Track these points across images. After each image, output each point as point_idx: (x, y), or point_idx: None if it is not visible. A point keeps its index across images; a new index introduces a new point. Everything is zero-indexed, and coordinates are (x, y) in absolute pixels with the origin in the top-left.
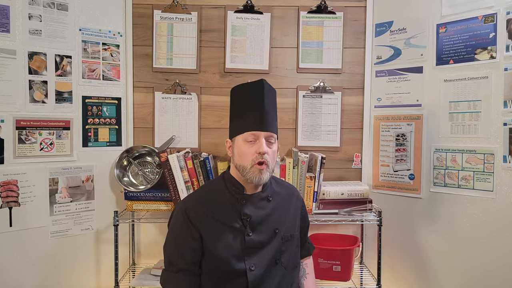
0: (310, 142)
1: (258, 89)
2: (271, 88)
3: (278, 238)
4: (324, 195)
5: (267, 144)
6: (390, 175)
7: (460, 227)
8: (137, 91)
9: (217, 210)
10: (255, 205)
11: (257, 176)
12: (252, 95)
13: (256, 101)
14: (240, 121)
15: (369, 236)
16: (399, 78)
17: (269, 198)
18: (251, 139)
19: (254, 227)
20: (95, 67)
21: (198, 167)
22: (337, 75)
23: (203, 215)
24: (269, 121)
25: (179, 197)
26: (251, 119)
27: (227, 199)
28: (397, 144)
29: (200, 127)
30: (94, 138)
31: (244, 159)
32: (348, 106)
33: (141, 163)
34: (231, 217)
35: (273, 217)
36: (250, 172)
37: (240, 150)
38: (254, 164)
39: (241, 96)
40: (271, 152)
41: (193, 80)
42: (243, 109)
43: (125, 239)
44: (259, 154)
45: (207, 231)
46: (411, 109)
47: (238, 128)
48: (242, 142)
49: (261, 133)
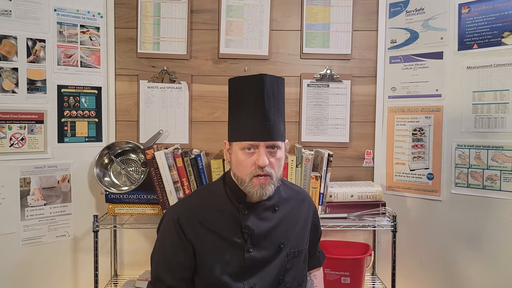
0: (316, 137)
1: (257, 88)
2: (275, 82)
3: (283, 254)
4: (331, 197)
5: (269, 153)
6: (406, 175)
7: (487, 233)
8: (120, 80)
9: (215, 220)
10: (259, 216)
11: (258, 191)
12: (250, 94)
13: (254, 103)
14: (237, 125)
15: (383, 244)
16: (416, 64)
17: (275, 207)
18: (248, 147)
19: (256, 242)
20: (72, 53)
21: (188, 166)
22: (346, 61)
23: (198, 225)
24: (271, 127)
25: (167, 199)
26: (248, 126)
27: (226, 208)
28: (414, 140)
29: (191, 120)
30: (71, 133)
31: (242, 170)
32: (358, 96)
33: (124, 161)
34: (230, 230)
35: (279, 230)
36: (249, 185)
37: (237, 159)
38: (253, 177)
39: (238, 92)
40: (275, 161)
41: (183, 67)
42: (240, 110)
43: (106, 247)
44: (258, 167)
45: (201, 245)
46: (430, 100)
47: (234, 132)
48: (239, 151)
49: (260, 143)
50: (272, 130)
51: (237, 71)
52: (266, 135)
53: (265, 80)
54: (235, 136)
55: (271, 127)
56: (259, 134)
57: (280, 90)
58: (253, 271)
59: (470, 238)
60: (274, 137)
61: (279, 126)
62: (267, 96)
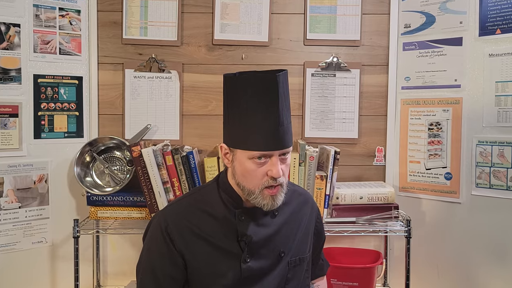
0: (321, 132)
1: (270, 90)
2: (285, 79)
3: (283, 263)
4: (338, 199)
5: (281, 160)
6: (421, 174)
7: None
8: (103, 69)
9: (208, 227)
10: (257, 222)
11: (269, 203)
12: (260, 96)
13: (266, 106)
14: (243, 130)
15: (395, 251)
16: (432, 52)
17: (275, 212)
18: (260, 157)
19: (254, 251)
20: (50, 39)
21: (179, 164)
22: (355, 48)
23: (188, 234)
24: (285, 132)
25: (156, 202)
26: (261, 134)
27: (221, 213)
28: (430, 135)
29: (182, 114)
30: (48, 128)
31: (251, 181)
32: (368, 87)
33: (108, 159)
34: (225, 238)
35: (278, 237)
36: (259, 197)
37: (244, 169)
38: (264, 188)
39: (242, 93)
40: (285, 168)
41: (174, 54)
42: (246, 114)
43: (87, 254)
44: (271, 178)
45: (193, 256)
46: (448, 91)
47: (240, 139)
48: (247, 160)
49: (274, 152)
50: (286, 136)
51: (233, 59)
52: (280, 142)
53: (278, 81)
54: (240, 143)
55: (284, 133)
56: (272, 143)
57: (287, 86)
58: (250, 283)
59: (493, 245)
60: (288, 143)
61: (290, 129)
62: (281, 99)
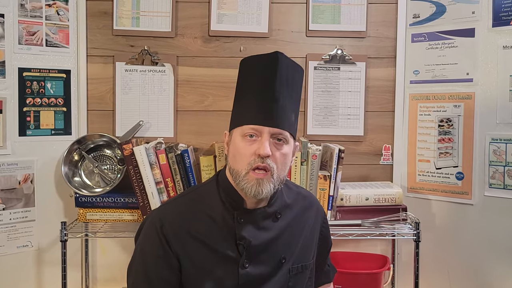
0: (324, 129)
1: (269, 65)
2: (291, 66)
3: (284, 270)
4: (342, 200)
5: (274, 144)
6: (431, 174)
7: None
8: (92, 62)
9: (205, 229)
10: (257, 225)
11: (253, 187)
12: (259, 72)
13: (263, 82)
14: (240, 108)
15: (403, 256)
16: (442, 43)
17: (277, 215)
18: (250, 134)
19: (253, 256)
20: (36, 30)
21: (173, 163)
22: (360, 40)
23: (185, 235)
24: (280, 112)
25: (149, 203)
26: (253, 108)
27: (219, 214)
28: (440, 133)
29: (177, 110)
30: (34, 124)
31: (239, 160)
32: (374, 81)
33: (98, 157)
34: (223, 241)
35: (280, 241)
36: (244, 180)
37: (235, 149)
38: (250, 169)
39: (248, 73)
40: (279, 156)
41: (168, 46)
42: (247, 92)
43: (76, 259)
44: (258, 156)
45: (188, 258)
46: (460, 86)
47: (237, 117)
48: (239, 138)
49: (264, 128)
50: (280, 115)
51: (231, 52)
52: (272, 120)
53: (280, 58)
54: (236, 122)
55: (279, 112)
56: (263, 118)
57: (296, 78)
58: None
59: (507, 249)
60: (282, 124)
61: (289, 113)
62: (280, 77)
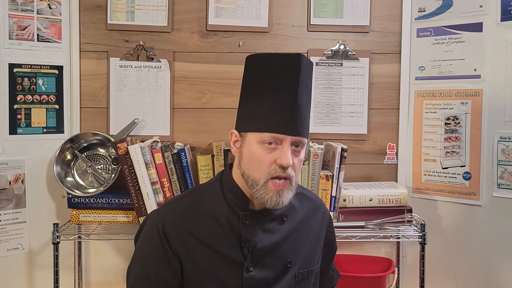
0: (326, 128)
1: (292, 69)
2: (309, 67)
3: (290, 275)
4: (345, 201)
5: (293, 151)
6: (437, 174)
7: None
8: (86, 57)
9: (208, 230)
10: (263, 227)
11: (273, 198)
12: (281, 76)
13: (286, 88)
14: (257, 111)
15: (408, 259)
16: (449, 38)
17: (283, 218)
18: (270, 141)
19: (257, 259)
20: (27, 24)
21: (170, 163)
22: (364, 34)
23: (187, 236)
24: (301, 119)
25: (144, 204)
26: (275, 114)
27: (223, 215)
28: (447, 131)
29: (173, 107)
30: (25, 122)
31: (257, 169)
32: (378, 77)
33: (91, 157)
34: (227, 243)
35: (286, 245)
36: (262, 189)
37: (251, 155)
38: (270, 178)
39: (263, 72)
40: (297, 162)
41: (164, 41)
42: (264, 94)
43: (68, 262)
44: (280, 166)
45: (190, 261)
46: (467, 82)
47: (252, 120)
48: (256, 144)
49: (286, 137)
50: (302, 124)
51: (229, 47)
52: (294, 128)
53: (302, 61)
54: (251, 125)
55: (300, 120)
56: (286, 126)
57: (310, 78)
58: None
59: None
60: (303, 132)
61: (307, 120)
62: (301, 83)
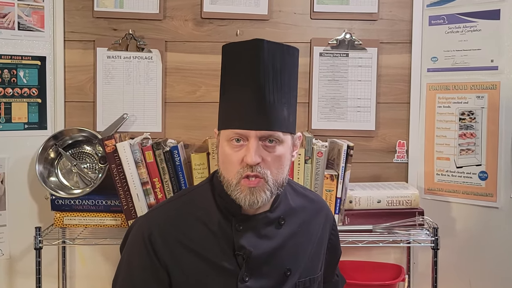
0: (331, 124)
1: (250, 56)
2: (278, 51)
3: (289, 284)
4: (351, 203)
5: (265, 147)
6: (451, 174)
7: None
8: (71, 47)
9: (199, 238)
10: (259, 233)
11: (247, 197)
12: (242, 64)
13: (245, 77)
14: (224, 106)
15: (420, 265)
16: (464, 27)
17: (280, 221)
18: (237, 138)
19: (253, 268)
20: (6, 11)
21: (162, 161)
22: (371, 22)
23: (175, 244)
24: (268, 110)
25: (133, 206)
26: (238, 108)
27: (215, 221)
28: (461, 127)
29: (165, 101)
30: (5, 118)
31: (228, 169)
32: (387, 69)
33: (77, 155)
34: (220, 251)
35: (284, 251)
36: (237, 189)
37: (222, 154)
38: (241, 178)
39: (230, 62)
40: (272, 159)
41: (155, 30)
42: (230, 86)
43: (52, 269)
44: (247, 165)
45: (180, 270)
46: (483, 74)
47: (221, 117)
48: (224, 142)
49: (250, 132)
50: (271, 115)
51: (226, 36)
52: (260, 121)
53: (262, 46)
54: (221, 122)
55: (270, 111)
56: (250, 120)
57: (286, 63)
58: None
59: None
60: (271, 124)
61: (280, 110)
62: (264, 68)
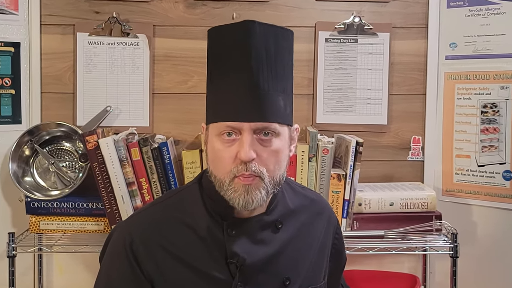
0: (337, 117)
1: (241, 40)
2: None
3: None
4: (361, 206)
5: (260, 141)
6: (471, 173)
7: None
8: (48, 32)
9: (186, 244)
10: (253, 238)
11: (241, 197)
12: (232, 50)
13: (236, 64)
14: (212, 96)
15: (437, 275)
16: (486, 9)
17: (277, 224)
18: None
19: (249, 277)
20: None
21: (149, 159)
22: (383, 4)
23: (160, 252)
24: (262, 100)
25: (118, 209)
26: (227, 98)
27: (203, 225)
28: (483, 121)
29: (153, 92)
30: None
31: (220, 167)
32: (401, 56)
33: (54, 152)
34: (210, 259)
35: (282, 258)
36: (230, 189)
37: (212, 151)
38: (236, 177)
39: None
40: (268, 155)
41: (142, 13)
42: (217, 74)
43: (27, 279)
44: (241, 162)
45: (166, 282)
46: (507, 63)
47: (210, 109)
48: (215, 137)
49: (243, 124)
50: (267, 105)
51: (221, 19)
52: (254, 112)
53: (253, 28)
54: (209, 115)
55: (264, 100)
56: (241, 111)
57: (281, 46)
58: None
59: None
60: (266, 115)
61: (276, 99)
62: (256, 53)
